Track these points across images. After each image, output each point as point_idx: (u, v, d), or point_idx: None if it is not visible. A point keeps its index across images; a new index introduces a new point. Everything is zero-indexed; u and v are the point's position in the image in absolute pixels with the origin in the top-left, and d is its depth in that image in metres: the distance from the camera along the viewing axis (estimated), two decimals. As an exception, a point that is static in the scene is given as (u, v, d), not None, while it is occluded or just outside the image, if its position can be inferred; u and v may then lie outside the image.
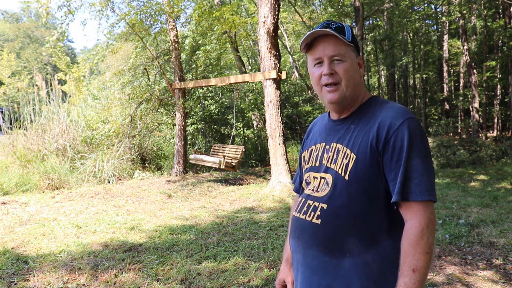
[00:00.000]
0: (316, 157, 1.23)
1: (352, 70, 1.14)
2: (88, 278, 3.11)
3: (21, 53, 47.98)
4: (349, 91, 1.14)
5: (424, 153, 1.05)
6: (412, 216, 1.02)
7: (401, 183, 1.03)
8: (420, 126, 1.08)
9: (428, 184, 1.02)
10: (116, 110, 10.24)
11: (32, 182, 7.32)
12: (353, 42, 1.15)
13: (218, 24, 8.54)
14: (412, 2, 17.12)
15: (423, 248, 0.99)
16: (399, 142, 1.04)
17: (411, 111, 21.64)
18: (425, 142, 1.07)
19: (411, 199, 1.02)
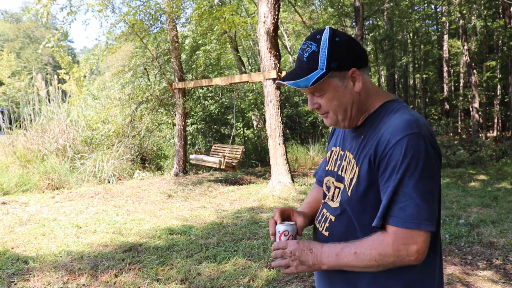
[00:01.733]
0: (335, 162, 1.20)
1: (337, 98, 1.04)
2: (88, 278, 3.11)
3: (21, 53, 48.00)
4: (341, 116, 1.07)
5: (422, 175, 0.91)
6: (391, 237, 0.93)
7: (385, 206, 0.94)
8: (426, 143, 0.93)
9: (417, 210, 0.90)
10: (116, 110, 10.25)
11: (32, 182, 7.32)
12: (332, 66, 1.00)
13: (218, 24, 8.53)
14: (412, 2, 17.12)
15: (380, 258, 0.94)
16: (393, 161, 0.93)
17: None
18: (428, 162, 0.92)
19: (391, 223, 0.93)
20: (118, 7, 9.23)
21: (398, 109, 1.04)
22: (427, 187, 0.92)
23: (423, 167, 0.91)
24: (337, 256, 1.00)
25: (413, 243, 0.91)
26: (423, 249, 0.92)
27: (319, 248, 1.05)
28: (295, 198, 6.48)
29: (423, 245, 0.91)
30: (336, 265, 1.01)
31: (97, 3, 8.28)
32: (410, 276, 1.00)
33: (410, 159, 0.91)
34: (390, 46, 19.45)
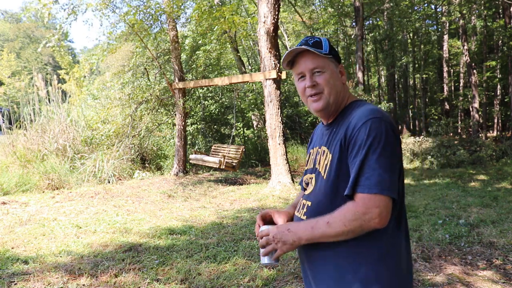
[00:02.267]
0: (312, 160, 1.34)
1: (333, 79, 1.24)
2: (88, 278, 3.11)
3: (21, 53, 48.00)
4: (332, 98, 1.24)
5: (383, 151, 1.07)
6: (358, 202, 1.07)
7: (354, 178, 1.08)
8: (387, 126, 1.10)
9: (379, 179, 1.05)
10: (116, 110, 10.24)
11: (32, 182, 7.32)
12: (332, 53, 1.25)
13: (218, 24, 8.53)
14: (412, 2, 17.12)
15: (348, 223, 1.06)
16: (359, 141, 1.10)
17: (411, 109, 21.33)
18: (389, 141, 1.08)
19: (358, 191, 1.07)
20: (118, 7, 9.18)
21: (364, 104, 1.23)
22: (388, 161, 1.07)
23: (384, 144, 1.08)
24: (312, 229, 1.12)
25: (376, 207, 1.04)
26: (384, 212, 1.05)
27: (295, 226, 1.18)
28: (295, 198, 6.48)
29: (384, 209, 1.05)
30: (312, 237, 1.12)
31: (97, 3, 8.28)
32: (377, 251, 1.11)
33: (373, 138, 1.08)
34: (390, 46, 19.45)
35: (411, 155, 11.74)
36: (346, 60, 19.56)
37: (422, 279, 3.00)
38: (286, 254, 3.57)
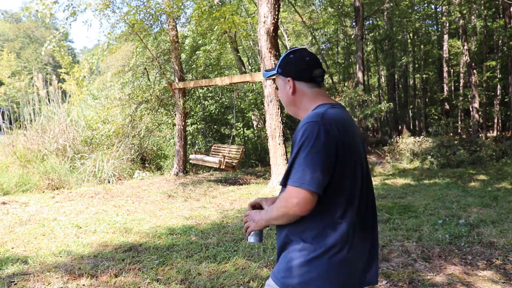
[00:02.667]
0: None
1: (281, 92, 1.49)
2: (88, 278, 3.11)
3: (21, 53, 48.00)
4: (287, 107, 1.51)
5: (311, 150, 1.23)
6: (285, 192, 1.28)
7: (286, 172, 1.30)
8: (320, 128, 1.25)
9: (302, 174, 1.22)
10: (116, 110, 10.24)
11: (32, 182, 7.32)
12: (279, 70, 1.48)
13: (218, 24, 8.53)
14: (412, 2, 17.12)
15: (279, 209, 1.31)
16: (295, 141, 1.30)
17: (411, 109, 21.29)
18: (318, 142, 1.23)
19: (288, 184, 1.27)
20: (118, 7, 9.17)
21: (317, 108, 1.38)
22: (314, 159, 1.22)
23: (314, 144, 1.23)
24: (266, 212, 1.41)
25: (295, 197, 1.23)
26: (302, 203, 1.23)
27: (265, 209, 1.48)
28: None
29: (302, 200, 1.22)
30: (267, 219, 1.40)
31: (97, 3, 8.28)
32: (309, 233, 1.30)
33: (305, 138, 1.25)
34: (390, 46, 19.45)
35: (411, 155, 11.74)
36: (346, 60, 19.57)
37: (422, 279, 3.00)
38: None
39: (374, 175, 9.63)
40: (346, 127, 1.31)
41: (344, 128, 1.29)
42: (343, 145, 1.26)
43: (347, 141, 1.28)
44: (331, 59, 19.84)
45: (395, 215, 5.10)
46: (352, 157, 1.30)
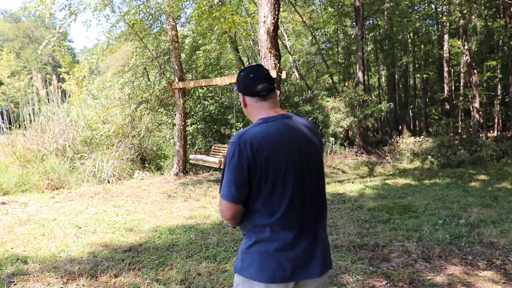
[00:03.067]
0: None
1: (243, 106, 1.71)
2: (87, 279, 3.10)
3: (21, 53, 48.00)
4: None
5: (228, 168, 1.51)
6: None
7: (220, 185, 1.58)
8: (234, 148, 1.49)
9: (223, 188, 1.52)
10: (116, 110, 10.23)
11: (31, 182, 7.31)
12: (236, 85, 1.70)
13: (218, 24, 8.52)
14: (412, 2, 17.11)
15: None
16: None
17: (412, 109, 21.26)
18: (232, 161, 1.49)
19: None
20: (118, 7, 9.15)
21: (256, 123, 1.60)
22: (229, 175, 1.50)
23: (229, 163, 1.50)
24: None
25: (220, 205, 1.54)
26: (224, 210, 1.53)
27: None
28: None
29: (223, 208, 1.52)
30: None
31: (96, 3, 8.27)
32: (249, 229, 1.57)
33: (226, 157, 1.52)
34: (390, 46, 19.44)
35: (411, 155, 11.74)
36: (346, 60, 19.55)
37: (422, 279, 2.99)
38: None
39: (375, 175, 9.62)
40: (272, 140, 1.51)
41: (264, 143, 1.49)
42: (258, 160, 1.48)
43: (268, 154, 1.48)
44: (331, 59, 19.83)
45: (395, 215, 5.09)
46: (277, 164, 1.49)
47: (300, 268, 1.53)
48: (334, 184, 8.11)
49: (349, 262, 3.37)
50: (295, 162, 1.53)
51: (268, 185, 1.50)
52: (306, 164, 1.56)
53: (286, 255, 1.52)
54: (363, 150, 13.71)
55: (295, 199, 1.53)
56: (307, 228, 1.56)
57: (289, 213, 1.52)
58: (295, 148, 1.55)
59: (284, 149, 1.52)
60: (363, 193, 6.87)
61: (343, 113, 13.01)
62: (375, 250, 3.74)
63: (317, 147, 1.63)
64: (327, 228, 4.57)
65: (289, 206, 1.52)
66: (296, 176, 1.53)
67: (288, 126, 1.59)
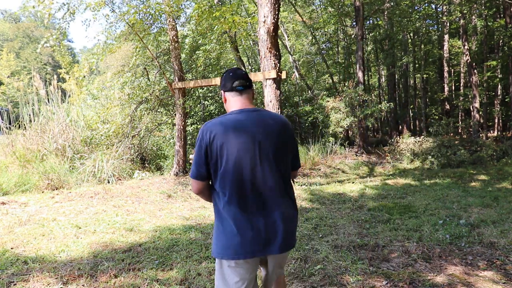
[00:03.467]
0: None
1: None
2: (87, 279, 3.09)
3: (21, 53, 47.99)
4: None
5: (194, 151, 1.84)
6: None
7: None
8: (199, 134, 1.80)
9: (191, 168, 1.84)
10: (116, 110, 10.22)
11: (31, 182, 7.31)
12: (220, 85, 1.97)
13: (218, 24, 8.51)
14: (412, 1, 17.10)
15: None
16: None
17: (412, 109, 21.28)
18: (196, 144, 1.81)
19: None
20: (118, 7, 9.13)
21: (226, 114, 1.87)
22: (194, 157, 1.80)
23: (195, 147, 1.80)
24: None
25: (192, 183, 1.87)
26: (192, 186, 1.88)
27: None
28: (295, 198, 6.46)
29: (193, 184, 1.86)
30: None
31: (96, 2, 8.26)
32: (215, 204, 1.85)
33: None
34: (391, 46, 19.43)
35: (411, 155, 11.73)
36: (346, 60, 19.55)
37: (422, 280, 2.99)
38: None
39: (375, 175, 9.62)
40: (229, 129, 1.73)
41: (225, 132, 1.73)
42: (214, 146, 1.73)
43: (223, 140, 1.72)
44: (331, 59, 19.82)
45: (395, 215, 5.09)
46: (231, 150, 1.71)
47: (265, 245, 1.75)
48: (334, 184, 8.10)
49: (349, 262, 3.37)
50: (250, 149, 1.73)
51: (223, 167, 1.74)
52: (263, 151, 1.75)
53: (243, 233, 1.72)
54: (363, 150, 13.70)
55: (248, 181, 1.73)
56: (261, 208, 1.75)
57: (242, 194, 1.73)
58: (252, 136, 1.75)
59: (240, 137, 1.73)
60: (363, 193, 6.87)
61: (343, 113, 13.01)
62: (375, 250, 3.73)
63: (280, 137, 1.81)
64: (328, 228, 4.56)
65: (242, 188, 1.73)
66: (251, 162, 1.73)
67: (251, 118, 1.80)
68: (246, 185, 1.74)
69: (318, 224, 4.75)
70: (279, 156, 1.81)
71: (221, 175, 1.75)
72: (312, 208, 5.71)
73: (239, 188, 1.73)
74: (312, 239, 4.11)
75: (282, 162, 1.83)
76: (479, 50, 18.03)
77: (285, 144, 1.85)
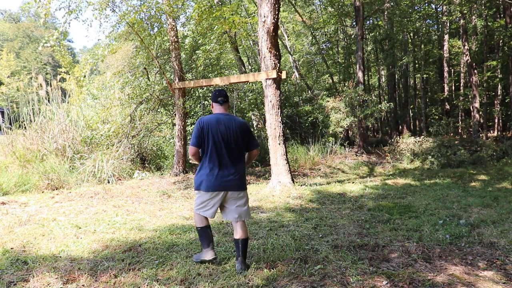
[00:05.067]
0: None
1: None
2: (87, 279, 3.09)
3: (21, 53, 47.99)
4: None
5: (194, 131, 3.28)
6: None
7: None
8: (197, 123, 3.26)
9: (191, 140, 3.28)
10: (116, 110, 10.22)
11: (31, 182, 7.31)
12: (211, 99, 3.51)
13: (218, 24, 8.51)
14: (412, 1, 17.10)
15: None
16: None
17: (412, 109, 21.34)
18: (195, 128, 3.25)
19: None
20: (118, 6, 9.11)
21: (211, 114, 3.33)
22: (194, 134, 3.26)
23: (194, 129, 3.28)
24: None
25: (189, 149, 3.33)
26: (190, 151, 3.29)
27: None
28: (296, 198, 6.47)
29: (191, 149, 3.27)
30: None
31: (98, 1, 8.26)
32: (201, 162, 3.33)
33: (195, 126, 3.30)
34: (391, 46, 19.43)
35: (411, 155, 11.73)
36: (346, 60, 19.55)
37: (422, 280, 2.99)
38: (286, 255, 3.56)
39: (375, 175, 9.62)
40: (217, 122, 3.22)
41: (211, 123, 3.21)
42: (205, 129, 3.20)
43: (209, 128, 3.20)
44: (331, 59, 19.82)
45: (395, 215, 5.09)
46: (211, 134, 3.19)
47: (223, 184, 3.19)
48: (334, 184, 8.10)
49: (349, 262, 3.37)
50: (222, 134, 3.21)
51: (207, 142, 3.22)
52: (228, 135, 3.23)
53: (213, 177, 3.19)
54: (363, 150, 13.71)
55: (218, 150, 3.21)
56: (225, 165, 3.21)
57: (214, 156, 3.21)
58: (223, 127, 3.23)
59: (219, 127, 3.22)
60: (363, 193, 6.87)
61: (343, 113, 13.01)
62: (375, 250, 3.73)
63: (239, 130, 3.26)
64: (328, 228, 4.57)
65: (215, 153, 3.20)
66: (222, 140, 3.20)
67: (225, 118, 3.27)
68: (219, 153, 3.21)
69: (318, 224, 4.75)
70: (238, 140, 3.26)
71: (205, 146, 3.23)
72: (312, 208, 5.71)
73: (215, 154, 3.20)
74: (312, 239, 4.12)
75: (239, 143, 3.28)
76: (479, 50, 18.03)
77: (242, 134, 3.28)
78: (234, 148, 3.21)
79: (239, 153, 3.25)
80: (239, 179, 3.21)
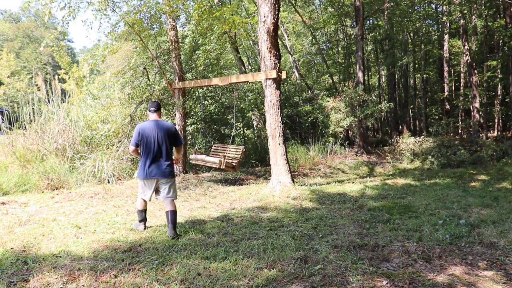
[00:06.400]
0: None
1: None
2: (87, 279, 3.09)
3: (21, 53, 47.98)
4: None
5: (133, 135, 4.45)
6: None
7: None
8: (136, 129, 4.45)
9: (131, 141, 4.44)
10: (116, 110, 10.22)
11: (31, 182, 7.31)
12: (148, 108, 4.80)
13: (218, 24, 8.51)
14: (412, 1, 17.10)
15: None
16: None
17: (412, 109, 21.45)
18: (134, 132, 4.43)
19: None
20: (118, 6, 9.11)
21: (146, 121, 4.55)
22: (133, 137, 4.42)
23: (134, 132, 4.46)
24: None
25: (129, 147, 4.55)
26: (130, 149, 4.48)
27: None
28: (296, 198, 6.47)
29: (131, 148, 4.46)
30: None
31: (99, 1, 8.25)
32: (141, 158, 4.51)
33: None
34: (391, 46, 19.44)
35: (411, 155, 11.73)
36: (346, 60, 19.55)
37: (422, 280, 2.99)
38: (286, 255, 3.56)
39: (375, 175, 9.62)
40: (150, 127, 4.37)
41: (146, 128, 4.37)
42: (141, 133, 4.35)
43: (144, 132, 4.35)
44: (331, 59, 19.81)
45: (395, 215, 5.09)
46: (147, 136, 4.32)
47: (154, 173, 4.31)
48: (334, 184, 8.10)
49: (349, 262, 3.37)
50: (153, 137, 4.30)
51: (143, 143, 4.32)
52: (158, 136, 4.31)
53: (148, 168, 4.31)
54: (363, 150, 13.71)
55: (151, 149, 4.30)
56: (155, 160, 4.30)
57: (148, 153, 4.31)
58: (154, 131, 4.32)
59: (151, 131, 4.32)
60: (363, 193, 6.87)
61: (343, 113, 13.01)
62: (375, 250, 3.73)
63: (166, 132, 4.36)
64: (328, 228, 4.57)
65: (148, 151, 4.31)
66: (154, 142, 4.30)
67: (155, 124, 4.37)
68: (152, 150, 4.29)
69: (318, 224, 4.75)
70: (165, 140, 4.35)
71: (143, 146, 4.31)
72: (312, 208, 5.71)
73: (149, 151, 4.30)
74: (312, 239, 4.12)
75: (167, 142, 4.36)
76: (479, 50, 18.03)
77: (169, 135, 4.38)
78: (163, 146, 4.31)
79: (166, 150, 4.33)
80: (167, 169, 4.33)
